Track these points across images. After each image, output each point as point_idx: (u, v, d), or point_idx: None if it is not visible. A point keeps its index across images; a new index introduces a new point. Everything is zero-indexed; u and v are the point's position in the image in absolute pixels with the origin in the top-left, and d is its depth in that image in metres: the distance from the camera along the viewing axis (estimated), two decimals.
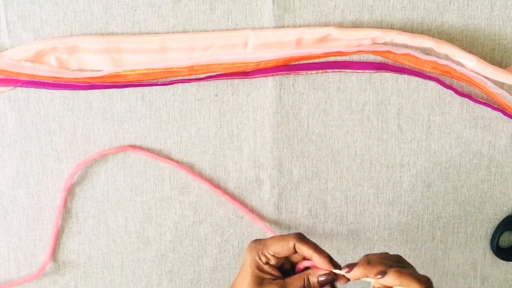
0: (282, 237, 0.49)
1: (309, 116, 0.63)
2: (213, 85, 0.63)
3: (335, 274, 0.47)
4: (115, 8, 0.61)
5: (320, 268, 0.48)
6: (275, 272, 0.49)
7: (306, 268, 0.49)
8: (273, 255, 0.48)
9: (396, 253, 0.49)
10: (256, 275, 0.48)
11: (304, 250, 0.48)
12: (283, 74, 0.62)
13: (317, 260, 0.48)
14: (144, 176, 0.65)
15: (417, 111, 0.63)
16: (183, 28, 0.61)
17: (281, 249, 0.48)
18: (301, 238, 0.48)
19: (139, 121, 0.63)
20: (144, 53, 0.61)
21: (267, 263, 0.49)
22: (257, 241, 0.49)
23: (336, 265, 0.48)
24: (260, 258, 0.48)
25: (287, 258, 0.50)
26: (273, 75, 0.62)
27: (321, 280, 0.48)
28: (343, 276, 0.47)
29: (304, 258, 0.50)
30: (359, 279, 0.46)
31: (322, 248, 0.49)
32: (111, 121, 0.63)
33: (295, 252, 0.49)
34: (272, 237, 0.49)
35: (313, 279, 0.48)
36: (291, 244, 0.48)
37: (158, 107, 0.63)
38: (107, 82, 0.62)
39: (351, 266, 0.46)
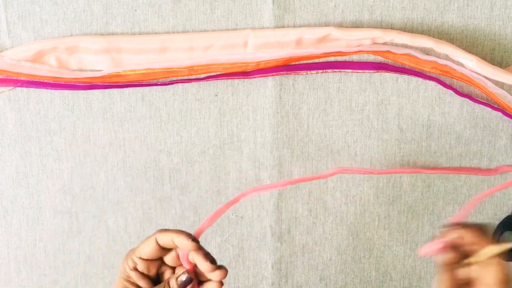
0: (147, 237, 0.45)
1: (309, 116, 0.63)
2: (213, 85, 0.63)
3: (195, 272, 0.44)
4: (115, 8, 0.61)
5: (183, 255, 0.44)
6: (143, 283, 0.45)
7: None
8: (139, 258, 0.45)
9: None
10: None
11: (163, 238, 0.44)
12: (283, 74, 0.62)
13: (179, 242, 0.44)
14: (144, 176, 0.65)
15: (417, 111, 0.63)
16: (183, 28, 0.61)
17: (146, 247, 0.44)
18: (161, 229, 0.45)
19: (139, 121, 0.63)
20: (144, 53, 0.61)
21: (134, 269, 0.45)
22: (132, 249, 0.46)
23: (195, 240, 0.45)
24: (128, 265, 0.45)
25: (164, 266, 0.46)
26: (273, 75, 0.62)
27: (181, 282, 0.44)
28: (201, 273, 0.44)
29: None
30: None
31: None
32: (111, 121, 0.63)
33: (161, 249, 0.45)
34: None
35: (172, 282, 0.45)
36: (153, 237, 0.44)
37: (158, 107, 0.63)
38: (107, 82, 0.62)
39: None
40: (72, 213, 0.65)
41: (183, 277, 0.44)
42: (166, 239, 0.45)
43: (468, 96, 0.62)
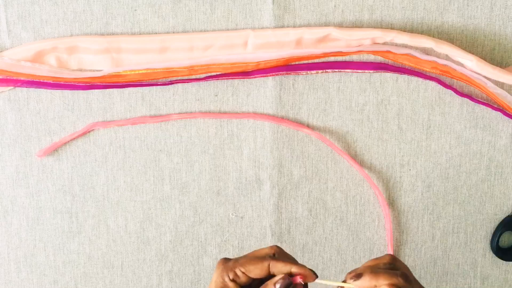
0: (257, 257, 0.44)
1: (309, 116, 0.63)
2: (213, 85, 0.63)
3: (291, 276, 0.44)
4: (115, 8, 0.61)
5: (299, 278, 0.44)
6: None
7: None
8: (243, 273, 0.44)
9: (390, 253, 0.47)
10: None
11: (280, 267, 0.44)
12: (283, 74, 0.62)
13: (296, 271, 0.44)
14: (144, 176, 0.65)
15: (417, 111, 0.63)
16: (183, 28, 0.61)
17: (254, 268, 0.44)
18: (277, 257, 0.45)
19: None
20: (144, 53, 0.61)
21: (233, 280, 0.44)
22: (227, 259, 0.45)
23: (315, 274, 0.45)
24: (227, 275, 0.44)
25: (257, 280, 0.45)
26: (273, 75, 0.62)
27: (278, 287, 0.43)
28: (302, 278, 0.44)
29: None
30: None
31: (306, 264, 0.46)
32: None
33: (269, 273, 0.44)
34: (245, 256, 0.45)
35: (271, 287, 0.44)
36: (266, 264, 0.44)
37: (158, 107, 0.63)
38: (107, 82, 0.62)
39: (357, 276, 0.44)
40: (72, 213, 0.65)
41: (280, 283, 0.43)
42: (281, 270, 0.44)
43: (468, 96, 0.62)
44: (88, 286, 0.67)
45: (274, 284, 0.43)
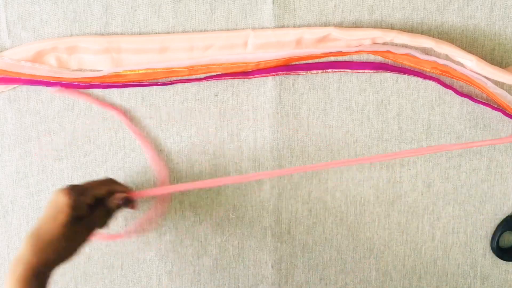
0: (102, 182, 0.57)
1: (309, 116, 0.63)
2: (213, 85, 0.63)
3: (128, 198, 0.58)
4: (115, 8, 0.61)
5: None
6: (87, 211, 0.55)
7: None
8: (92, 196, 0.55)
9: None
10: (72, 216, 0.52)
11: (118, 186, 0.58)
12: (283, 74, 0.62)
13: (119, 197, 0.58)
14: (144, 176, 0.65)
15: (417, 111, 0.63)
16: (183, 28, 0.61)
17: (101, 191, 0.56)
18: (112, 180, 0.59)
19: (139, 121, 0.63)
20: (144, 53, 0.61)
21: (86, 203, 0.54)
22: (74, 186, 0.55)
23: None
24: (80, 200, 0.53)
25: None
26: (273, 75, 0.62)
27: (120, 201, 0.57)
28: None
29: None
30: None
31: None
32: (111, 121, 0.63)
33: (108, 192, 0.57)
34: (89, 182, 0.57)
35: (112, 202, 0.57)
36: (105, 188, 0.57)
37: (158, 107, 0.63)
38: (107, 82, 0.62)
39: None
40: None
41: (122, 198, 0.57)
42: (119, 188, 0.58)
43: (468, 96, 0.62)
44: (88, 286, 0.67)
45: (120, 199, 0.57)
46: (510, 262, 0.67)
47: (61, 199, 0.53)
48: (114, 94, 0.63)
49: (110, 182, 0.59)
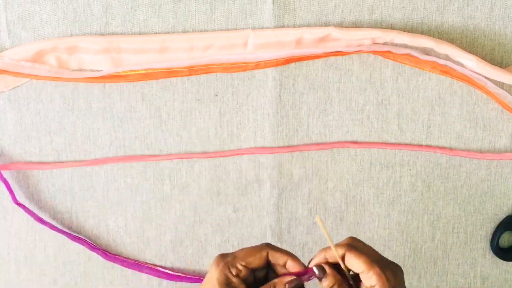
0: (253, 248, 0.48)
1: (309, 116, 0.63)
2: (213, 85, 0.63)
3: (302, 279, 0.46)
4: (115, 8, 0.61)
5: (293, 273, 0.46)
6: (243, 287, 0.46)
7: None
8: (244, 266, 0.46)
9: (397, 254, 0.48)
10: None
11: (277, 256, 0.47)
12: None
13: (291, 265, 0.47)
14: (144, 176, 0.65)
15: (417, 111, 0.63)
16: (183, 28, 0.61)
17: (254, 258, 0.47)
18: (273, 246, 0.48)
19: (139, 121, 0.63)
20: (144, 53, 0.61)
21: (237, 275, 0.46)
22: (224, 254, 0.47)
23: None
24: (230, 271, 0.46)
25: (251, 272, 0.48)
26: (273, 75, 0.62)
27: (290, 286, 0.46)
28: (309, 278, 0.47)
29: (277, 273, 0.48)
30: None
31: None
32: (111, 121, 0.63)
33: (267, 261, 0.47)
34: (241, 249, 0.48)
35: (280, 285, 0.46)
36: (264, 253, 0.47)
37: (158, 107, 0.63)
38: (107, 82, 0.62)
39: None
40: (72, 213, 0.65)
41: (292, 285, 0.46)
42: (278, 260, 0.47)
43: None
44: (88, 286, 0.67)
45: (285, 285, 0.45)
46: (510, 262, 0.67)
47: (212, 272, 0.46)
48: (114, 94, 0.63)
49: (266, 247, 0.48)
